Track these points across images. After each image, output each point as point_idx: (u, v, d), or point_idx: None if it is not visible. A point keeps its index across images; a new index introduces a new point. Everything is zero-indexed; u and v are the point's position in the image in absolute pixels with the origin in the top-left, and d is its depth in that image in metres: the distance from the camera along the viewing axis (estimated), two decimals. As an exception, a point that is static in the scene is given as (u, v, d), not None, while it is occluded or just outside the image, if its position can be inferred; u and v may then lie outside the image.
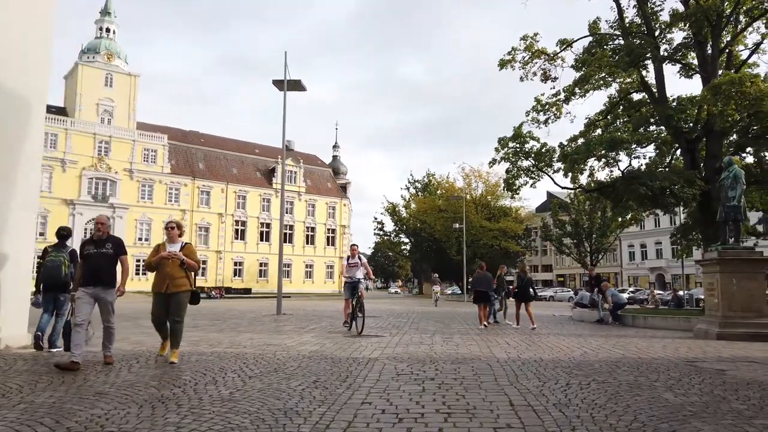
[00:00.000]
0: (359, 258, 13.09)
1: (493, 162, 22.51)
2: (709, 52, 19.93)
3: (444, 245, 53.32)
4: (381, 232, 74.81)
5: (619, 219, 26.87)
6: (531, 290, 15.86)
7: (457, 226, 44.35)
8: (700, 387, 6.03)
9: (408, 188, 69.76)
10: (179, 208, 65.89)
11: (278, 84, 20.40)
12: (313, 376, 6.56)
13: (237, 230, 70.65)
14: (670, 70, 24.64)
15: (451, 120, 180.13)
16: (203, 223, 67.87)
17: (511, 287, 18.26)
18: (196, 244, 66.87)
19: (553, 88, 21.25)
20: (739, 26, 19.23)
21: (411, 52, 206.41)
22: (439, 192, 59.54)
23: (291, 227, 75.27)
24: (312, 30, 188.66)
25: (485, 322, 15.17)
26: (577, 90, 19.64)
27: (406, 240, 71.80)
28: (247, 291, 60.33)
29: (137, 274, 62.80)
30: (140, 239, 63.18)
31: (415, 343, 10.30)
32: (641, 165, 21.19)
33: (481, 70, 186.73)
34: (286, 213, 75.87)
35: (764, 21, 19.11)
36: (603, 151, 17.44)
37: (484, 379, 6.52)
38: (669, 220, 69.06)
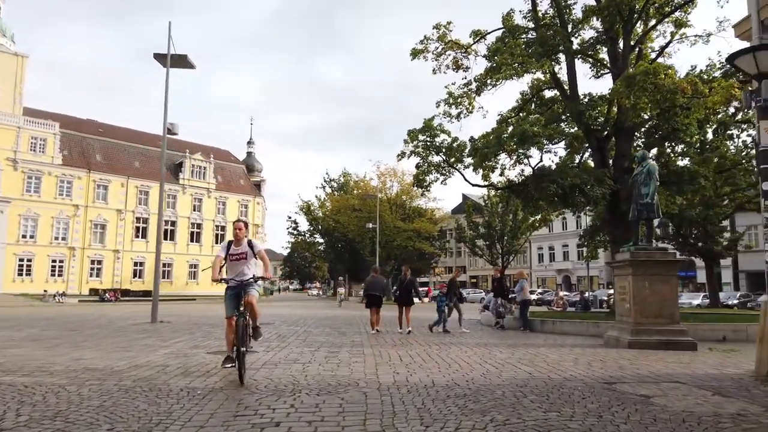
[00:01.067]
0: (250, 246, 7.29)
1: (401, 155, 21.05)
2: (620, 49, 19.49)
3: (358, 246, 51.78)
4: (295, 232, 72.12)
5: (530, 219, 26.37)
6: (414, 293, 15.44)
7: (370, 225, 42.92)
8: (627, 428, 4.59)
9: (324, 187, 67.67)
10: (71, 203, 60.16)
11: (161, 59, 17.87)
12: (106, 425, 4.55)
13: (138, 228, 65.59)
14: (582, 71, 24.22)
15: (372, 122, 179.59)
16: (99, 220, 62.38)
17: (459, 291, 17.04)
18: (89, 243, 61.60)
19: (465, 78, 20.05)
20: (650, 23, 18.88)
21: (332, 54, 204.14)
22: (356, 192, 57.89)
23: (199, 225, 71.10)
24: (231, 25, 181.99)
25: (377, 328, 14.66)
26: (489, 80, 18.56)
27: (321, 240, 69.61)
28: (147, 293, 55.84)
29: (20, 275, 56.72)
30: (24, 236, 57.07)
31: (288, 362, 8.44)
32: (552, 164, 20.49)
33: (402, 73, 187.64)
34: (194, 210, 71.68)
35: (673, 20, 18.85)
36: (514, 146, 16.44)
37: (349, 421, 4.77)
38: (575, 223, 71.57)
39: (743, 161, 22.59)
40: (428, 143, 20.68)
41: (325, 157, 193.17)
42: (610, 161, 19.90)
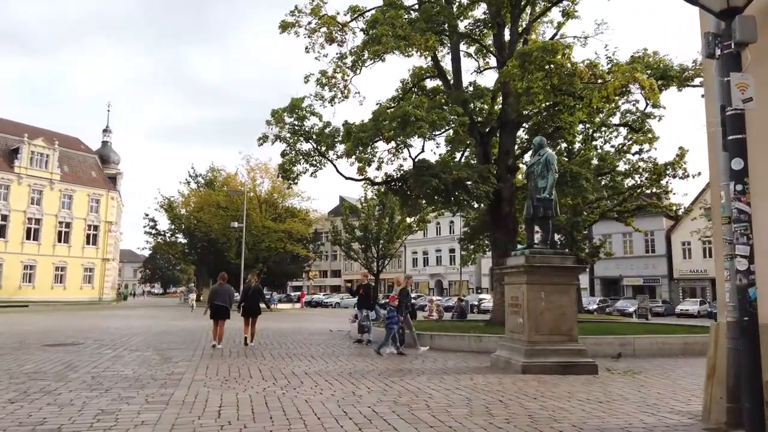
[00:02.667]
0: None
1: (263, 139, 17.91)
2: (507, 38, 18.02)
3: (223, 247, 47.22)
4: (153, 231, 65.16)
5: (408, 220, 24.43)
6: (262, 301, 14.28)
7: (236, 224, 38.91)
8: None
9: (188, 183, 61.70)
10: None
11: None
12: None
13: (-44, 223, 55.37)
14: (465, 67, 22.67)
15: (248, 121, 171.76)
16: None
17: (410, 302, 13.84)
18: None
19: (339, 53, 17.46)
20: (537, 9, 17.57)
21: (208, 47, 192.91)
22: (225, 188, 52.91)
23: (38, 221, 61.77)
24: (94, 8, 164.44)
25: (218, 344, 12.94)
26: (366, 53, 16.11)
27: (184, 241, 63.44)
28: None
29: None
30: None
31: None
32: (433, 159, 18.50)
33: (280, 72, 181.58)
34: (32, 204, 62.17)
35: (560, 9, 17.72)
36: (393, 132, 14.15)
37: None
38: (449, 228, 72.30)
39: (617, 166, 22.24)
40: (296, 127, 17.78)
41: (200, 153, 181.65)
42: (493, 158, 18.39)
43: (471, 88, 17.92)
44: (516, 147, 18.08)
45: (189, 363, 10.16)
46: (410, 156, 16.14)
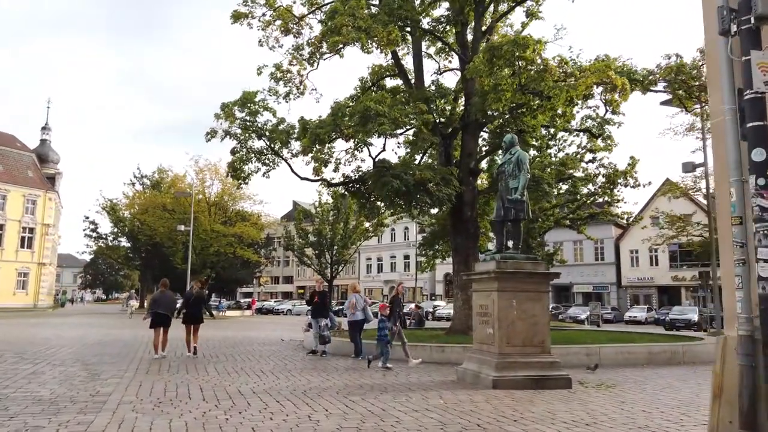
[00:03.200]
0: None
1: (211, 135, 16.68)
2: (470, 36, 17.47)
3: (168, 251, 45.00)
4: (94, 234, 61.86)
5: (365, 224, 23.55)
6: (204, 309, 13.83)
7: (182, 228, 37.01)
8: None
9: (133, 184, 58.86)
10: None
11: None
12: None
13: None
14: (426, 68, 22.04)
15: (200, 123, 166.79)
16: None
17: (389, 313, 12.43)
18: None
19: (296, 44, 16.46)
20: (502, 5, 17.08)
21: (159, 47, 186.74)
22: (172, 190, 50.45)
23: (-34, 223, 57.69)
24: (35, 3, 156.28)
25: (162, 353, 12.52)
26: (324, 44, 15.15)
27: (128, 244, 60.42)
28: None
29: None
30: None
31: None
32: (394, 161, 17.68)
33: (235, 73, 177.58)
34: (-40, 204, 58.05)
35: (524, 9, 17.29)
36: (352, 129, 13.24)
37: None
38: (404, 234, 71.86)
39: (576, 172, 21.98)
40: (248, 123, 16.65)
41: (150, 154, 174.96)
42: (454, 161, 17.77)
43: (433, 87, 17.24)
44: (479, 149, 17.50)
45: (119, 381, 8.93)
46: (370, 155, 15.32)
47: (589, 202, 31.50)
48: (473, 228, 17.19)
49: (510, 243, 9.83)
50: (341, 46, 14.85)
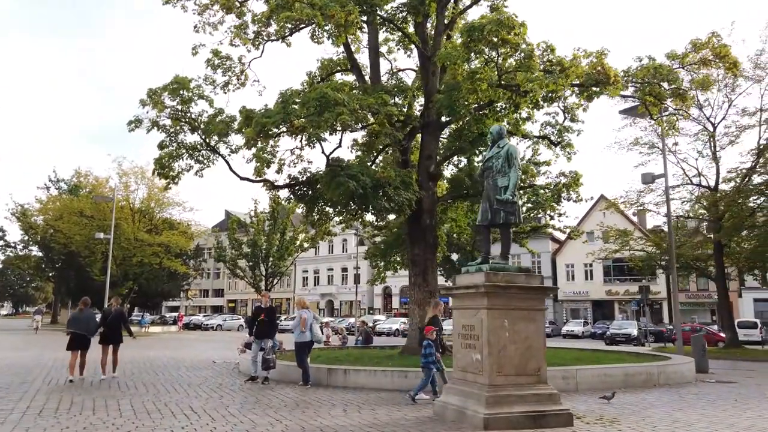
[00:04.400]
0: None
1: (135, 124, 14.33)
2: (431, 30, 16.15)
3: (85, 261, 40.95)
4: (1, 243, 56.19)
5: (303, 234, 21.59)
6: (124, 328, 12.47)
7: (101, 236, 33.53)
8: None
9: (48, 188, 53.86)
10: None
11: None
12: None
13: None
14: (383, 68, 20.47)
15: (123, 124, 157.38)
16: None
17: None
18: None
19: (239, 23, 14.50)
20: (462, 2, 15.87)
21: (87, 42, 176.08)
22: (91, 194, 46.13)
23: None
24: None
25: (79, 376, 11.61)
26: (273, 24, 13.27)
27: (40, 253, 55.13)
28: None
29: None
30: None
31: None
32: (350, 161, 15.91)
33: (178, 69, 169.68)
34: None
35: (489, 4, 16.15)
36: (307, 117, 11.37)
37: None
38: (342, 246, 69.85)
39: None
40: (179, 113, 14.49)
41: (72, 157, 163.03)
42: (413, 165, 16.30)
43: (393, 81, 15.73)
44: (438, 151, 16.10)
45: (-4, 429, 6.69)
46: (323, 152, 13.46)
47: (533, 215, 30.89)
48: (432, 237, 15.71)
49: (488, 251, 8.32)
50: (289, 30, 13.03)
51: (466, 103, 12.43)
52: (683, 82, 14.37)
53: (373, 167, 14.31)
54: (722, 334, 28.77)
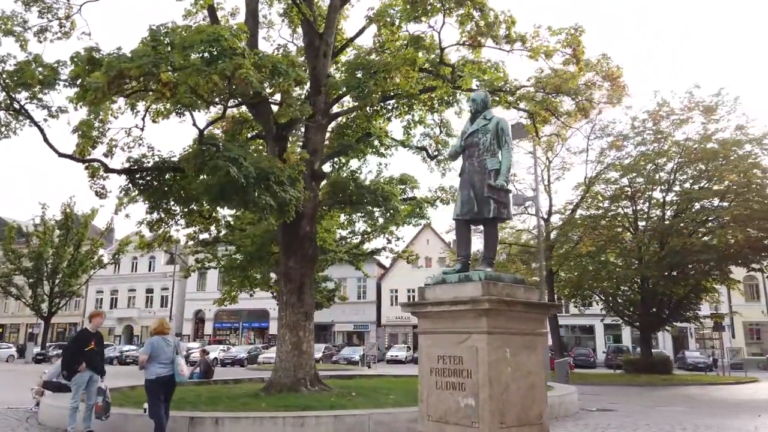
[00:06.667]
0: None
1: None
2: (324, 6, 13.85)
3: None
4: None
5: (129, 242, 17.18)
6: None
7: None
8: None
9: None
10: None
11: None
12: None
13: None
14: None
15: None
16: None
17: None
18: None
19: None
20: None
21: None
22: None
23: None
24: None
25: None
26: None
27: None
28: None
29: None
30: None
31: None
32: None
33: None
34: None
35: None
36: (191, 68, 8.01)
37: None
38: (148, 265, 61.86)
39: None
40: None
41: None
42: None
43: (277, 50, 12.93)
44: (325, 146, 13.65)
45: None
46: (195, 124, 10.10)
47: (371, 237, 29.63)
48: (312, 248, 13.13)
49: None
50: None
51: (379, 84, 10.24)
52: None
53: (258, 153, 11.36)
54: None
